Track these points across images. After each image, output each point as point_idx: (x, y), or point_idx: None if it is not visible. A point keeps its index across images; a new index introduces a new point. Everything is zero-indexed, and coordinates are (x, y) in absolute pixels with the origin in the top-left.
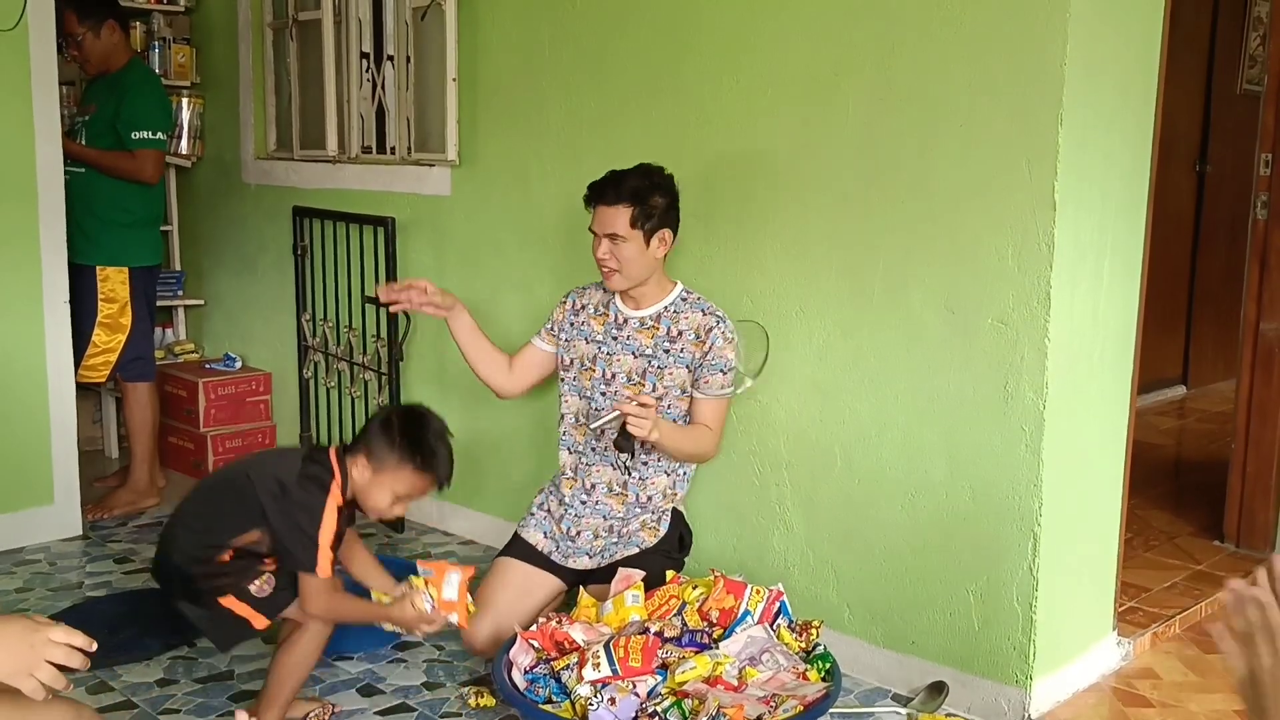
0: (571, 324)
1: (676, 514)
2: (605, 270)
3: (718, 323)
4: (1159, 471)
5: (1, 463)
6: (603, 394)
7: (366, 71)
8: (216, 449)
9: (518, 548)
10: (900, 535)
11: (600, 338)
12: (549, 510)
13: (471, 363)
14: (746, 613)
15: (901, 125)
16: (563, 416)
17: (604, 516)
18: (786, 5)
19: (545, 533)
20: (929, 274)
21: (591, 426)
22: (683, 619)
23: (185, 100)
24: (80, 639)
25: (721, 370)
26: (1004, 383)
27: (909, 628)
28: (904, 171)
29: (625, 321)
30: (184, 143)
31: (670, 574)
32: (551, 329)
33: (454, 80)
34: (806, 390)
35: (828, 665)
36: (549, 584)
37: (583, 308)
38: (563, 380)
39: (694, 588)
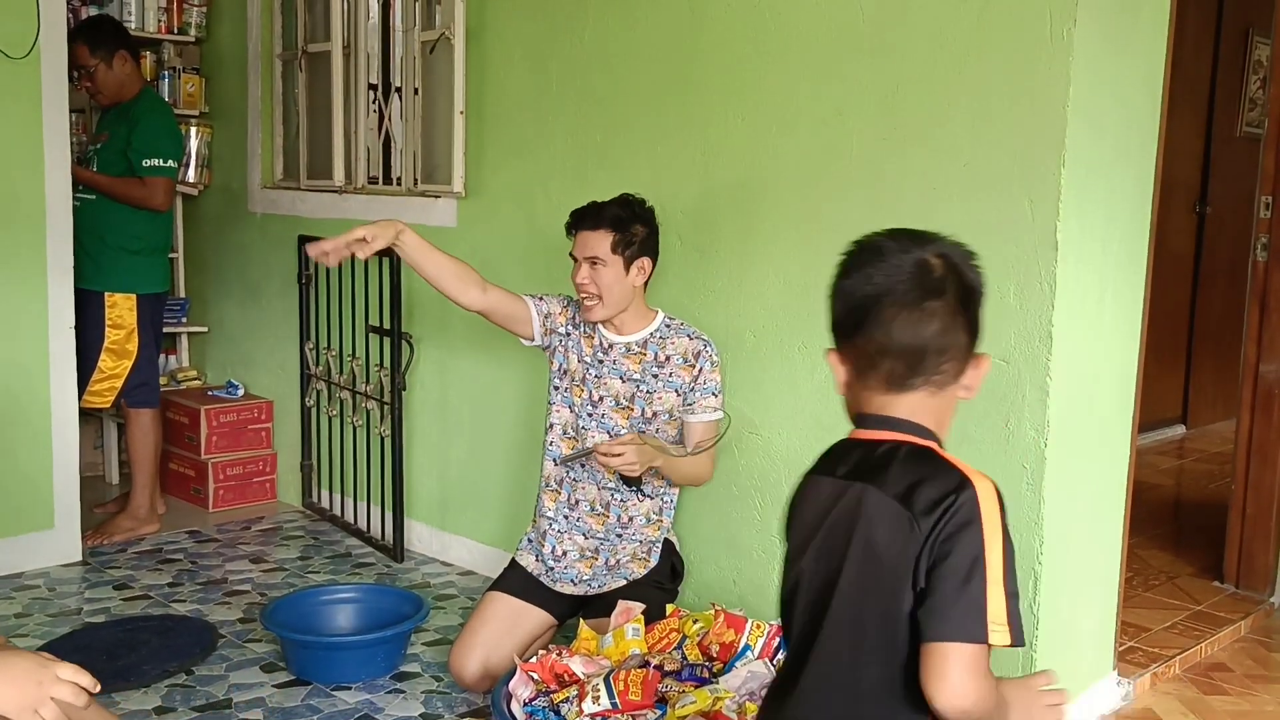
0: (568, 334)
1: (667, 544)
2: (585, 299)
3: (704, 346)
4: (1159, 511)
5: (2, 487)
6: (589, 415)
7: (374, 103)
8: (217, 476)
9: (509, 578)
10: None
11: (589, 359)
12: (536, 529)
13: (432, 281)
14: (747, 647)
15: (904, 165)
16: (551, 426)
17: (584, 535)
18: (793, 44)
19: (536, 555)
20: None
21: (556, 461)
22: (683, 653)
23: (194, 129)
24: (86, 679)
25: (712, 393)
26: (1005, 420)
27: None
28: (907, 210)
29: (610, 347)
30: (191, 171)
31: (670, 607)
32: (548, 318)
33: (461, 113)
34: (809, 425)
35: None
36: (537, 617)
37: (579, 325)
38: (555, 389)
39: (694, 622)
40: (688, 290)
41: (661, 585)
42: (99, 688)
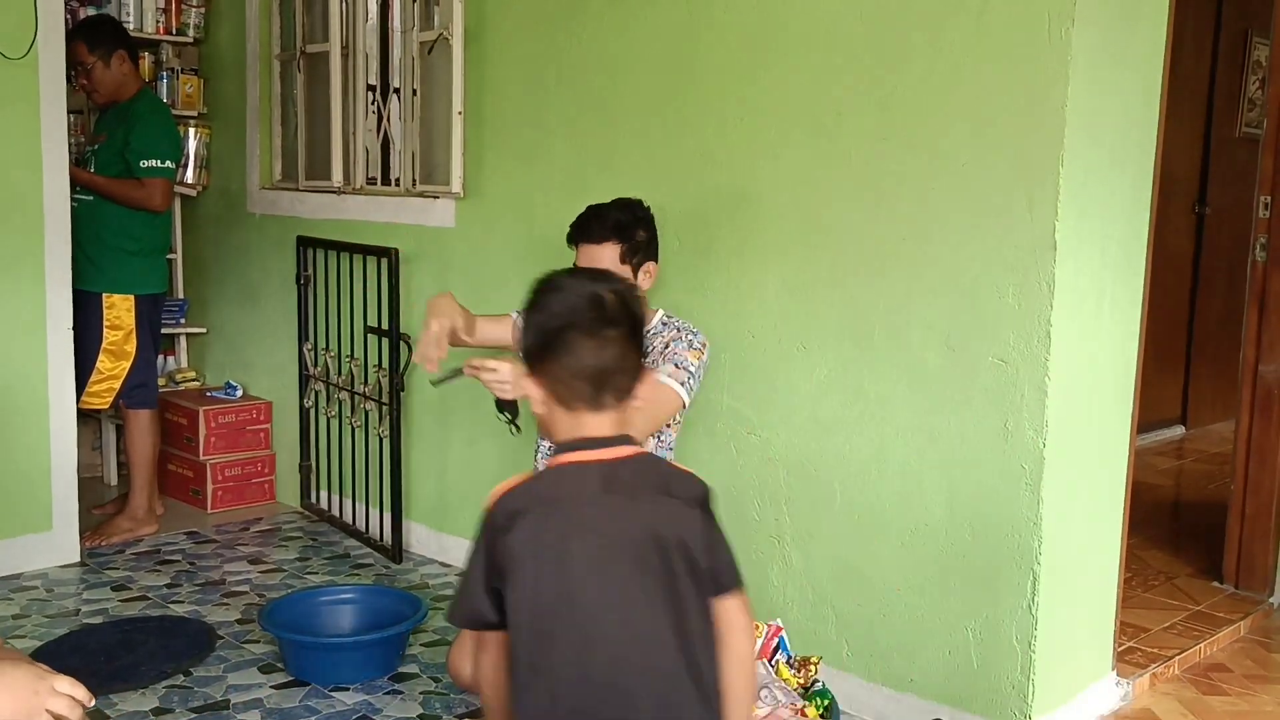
0: None
1: None
2: None
3: (693, 335)
4: (1158, 511)
5: (1, 488)
6: None
7: (372, 104)
8: (216, 477)
9: None
10: (899, 572)
11: None
12: None
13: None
14: None
15: (903, 166)
16: None
17: None
18: (791, 47)
19: None
20: (930, 312)
21: (432, 382)
22: None
23: (192, 130)
24: (82, 692)
25: (674, 363)
26: (1004, 421)
27: (907, 665)
28: (905, 211)
29: None
30: (190, 172)
31: None
32: None
33: (459, 114)
34: (807, 426)
35: (826, 702)
36: None
37: None
38: None
39: None
40: (687, 291)
41: None
42: (93, 701)
